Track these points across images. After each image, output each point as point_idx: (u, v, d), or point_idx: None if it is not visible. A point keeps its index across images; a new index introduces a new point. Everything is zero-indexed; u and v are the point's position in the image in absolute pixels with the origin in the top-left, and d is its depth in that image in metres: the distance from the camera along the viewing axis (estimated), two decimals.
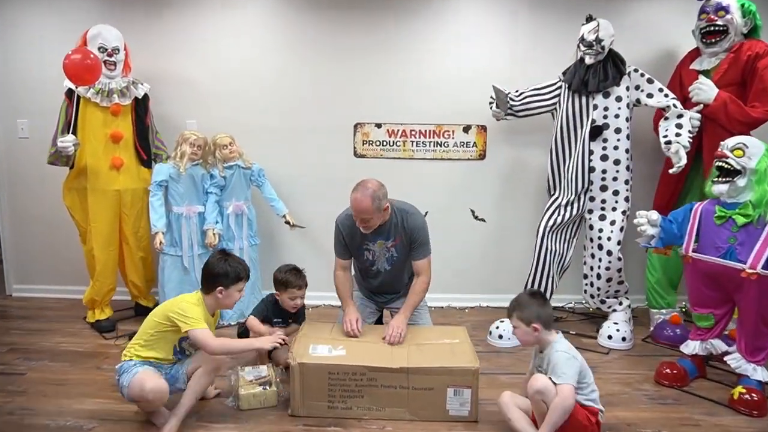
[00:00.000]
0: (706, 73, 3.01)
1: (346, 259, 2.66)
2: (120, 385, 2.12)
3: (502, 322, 3.11)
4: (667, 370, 2.57)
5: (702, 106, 2.88)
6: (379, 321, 2.88)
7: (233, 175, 3.28)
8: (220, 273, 2.18)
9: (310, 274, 3.19)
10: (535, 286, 3.12)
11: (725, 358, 2.49)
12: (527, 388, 2.03)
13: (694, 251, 2.49)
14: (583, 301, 3.51)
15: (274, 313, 2.69)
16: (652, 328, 3.25)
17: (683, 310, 3.41)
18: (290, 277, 2.60)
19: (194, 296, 2.22)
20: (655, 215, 2.54)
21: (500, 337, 3.04)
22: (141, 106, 3.22)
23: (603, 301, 3.16)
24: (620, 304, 3.16)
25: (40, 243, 3.74)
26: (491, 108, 3.22)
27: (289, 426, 2.18)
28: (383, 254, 2.61)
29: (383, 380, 2.20)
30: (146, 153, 3.25)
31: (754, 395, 2.30)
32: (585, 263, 3.23)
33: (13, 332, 3.11)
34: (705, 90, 2.86)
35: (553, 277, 3.14)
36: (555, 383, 1.94)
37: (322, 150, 3.63)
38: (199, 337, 2.09)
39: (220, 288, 2.19)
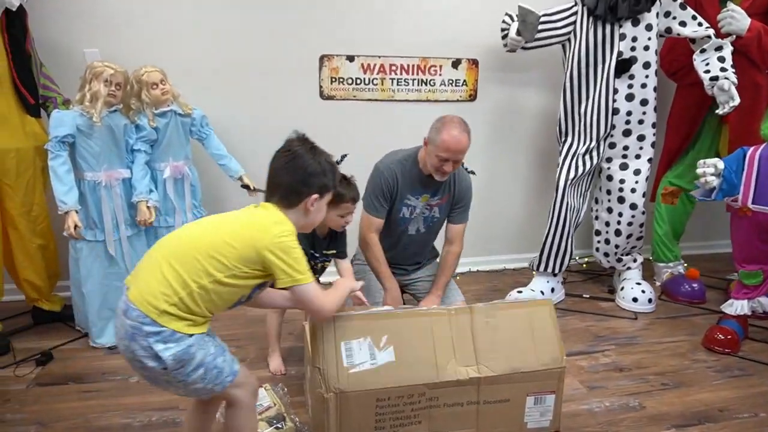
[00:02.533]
0: (728, 0, 2.68)
1: (382, 217, 2.10)
2: (196, 373, 1.29)
3: (520, 292, 2.68)
4: (720, 335, 2.32)
5: (734, 37, 2.56)
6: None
7: (168, 125, 2.38)
8: (317, 171, 1.41)
9: None
10: (554, 247, 2.72)
11: None
12: None
13: (753, 202, 2.20)
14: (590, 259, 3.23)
15: (310, 246, 2.02)
16: (659, 283, 3.04)
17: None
18: (342, 189, 1.89)
19: (279, 217, 1.38)
20: (721, 164, 2.19)
21: None
22: (16, 25, 2.17)
23: (619, 260, 2.85)
24: (635, 261, 2.88)
25: None
26: (506, 36, 2.64)
27: None
28: (423, 213, 2.15)
29: (447, 398, 1.65)
30: (33, 95, 2.23)
31: None
32: (597, 218, 2.88)
33: None
34: (738, 19, 2.52)
35: (571, 236, 2.75)
36: None
37: (279, 92, 2.82)
38: (310, 297, 1.37)
39: (314, 196, 1.41)
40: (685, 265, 3.06)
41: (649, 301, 2.71)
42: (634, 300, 2.71)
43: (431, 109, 3.00)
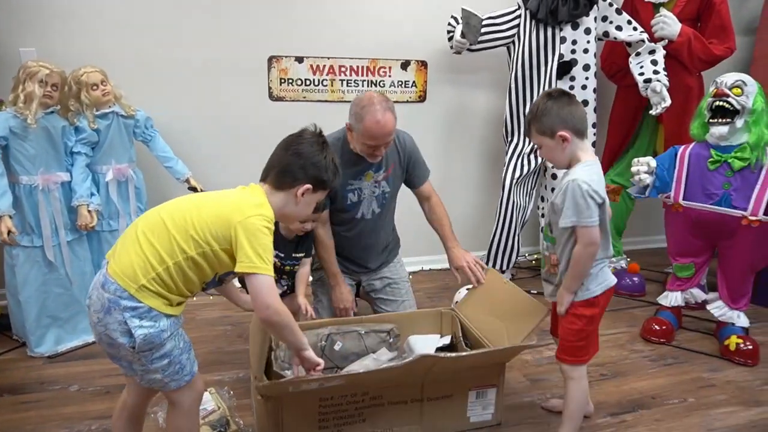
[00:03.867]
0: (660, 6, 2.81)
1: (326, 208, 2.06)
2: (169, 362, 1.30)
3: (469, 289, 2.73)
4: (656, 326, 2.42)
5: (666, 41, 2.68)
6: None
7: (110, 126, 2.33)
8: (320, 164, 1.38)
9: None
10: (502, 245, 2.79)
11: (708, 307, 2.42)
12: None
13: (684, 199, 2.32)
14: (539, 256, 3.31)
15: (277, 248, 1.91)
16: None
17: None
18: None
19: (261, 200, 1.35)
20: (653, 162, 2.30)
21: None
22: None
23: None
24: None
25: None
26: (452, 38, 2.69)
27: None
28: (372, 192, 2.10)
29: (390, 396, 1.68)
30: None
31: (748, 344, 2.24)
32: (543, 216, 2.96)
33: None
34: (670, 24, 2.65)
35: (518, 234, 2.82)
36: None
37: (227, 93, 2.79)
38: (262, 290, 1.28)
39: (307, 186, 1.38)
40: (628, 259, 3.19)
41: None
42: None
43: None
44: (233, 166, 2.82)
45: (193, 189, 2.54)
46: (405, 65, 3.02)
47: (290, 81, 2.87)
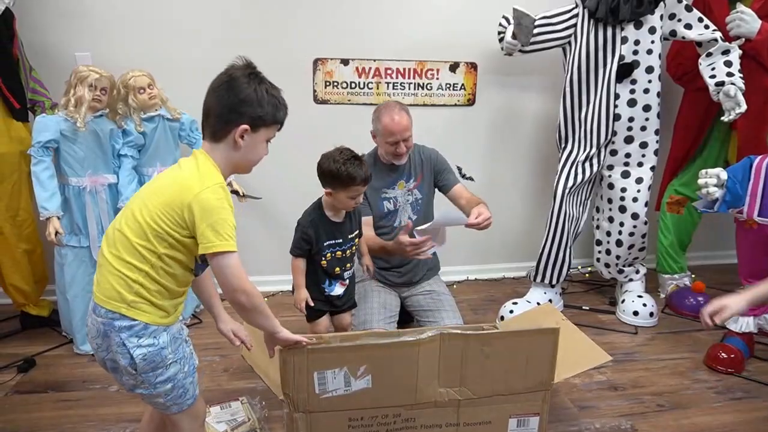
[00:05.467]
0: (737, 1, 2.56)
1: (370, 213, 2.21)
2: (158, 381, 1.24)
3: (515, 303, 2.60)
4: (723, 354, 2.21)
5: (742, 40, 2.44)
6: (401, 321, 2.29)
7: (156, 129, 2.36)
8: (251, 99, 1.24)
9: (265, 255, 2.69)
10: (552, 258, 2.63)
11: None
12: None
13: (759, 215, 2.09)
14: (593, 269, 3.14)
15: (328, 233, 1.89)
16: (663, 295, 2.93)
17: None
18: (353, 170, 1.78)
19: (205, 167, 1.22)
20: (724, 174, 2.09)
21: None
22: (1, 29, 2.16)
23: (621, 271, 2.75)
24: (637, 272, 2.78)
25: None
26: (502, 40, 2.56)
27: None
28: (406, 200, 2.26)
29: (424, 419, 1.59)
30: (19, 99, 2.22)
31: None
32: (599, 228, 2.78)
33: None
34: (748, 21, 2.40)
35: (569, 247, 2.65)
36: None
37: None
38: (228, 270, 1.17)
39: (243, 127, 1.23)
40: (693, 276, 2.94)
41: (651, 315, 2.60)
42: (635, 313, 2.61)
43: (428, 114, 2.95)
44: (277, 170, 2.79)
45: (235, 192, 2.54)
46: (454, 67, 2.91)
47: (335, 84, 2.82)
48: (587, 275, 3.24)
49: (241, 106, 1.22)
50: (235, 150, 1.24)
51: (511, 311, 2.54)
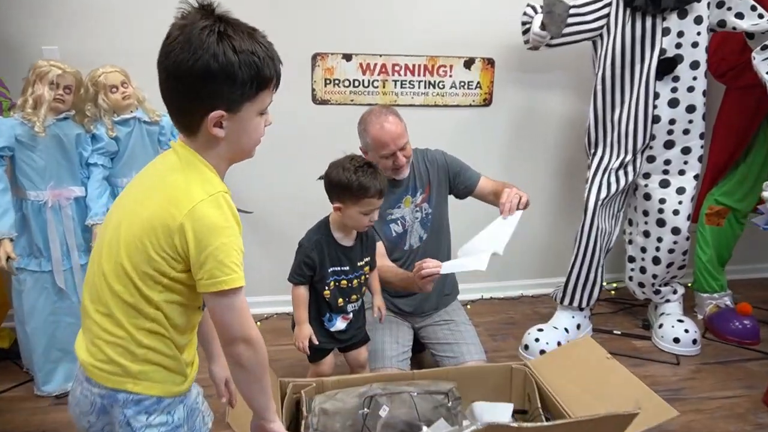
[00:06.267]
0: None
1: (380, 239, 1.86)
2: None
3: (540, 330, 2.30)
4: None
5: None
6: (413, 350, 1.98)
7: (131, 134, 2.04)
8: (214, 70, 0.87)
9: (260, 273, 2.41)
10: (582, 279, 2.34)
11: None
12: None
13: None
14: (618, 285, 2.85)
15: (333, 259, 1.61)
16: (701, 317, 2.64)
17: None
18: (366, 181, 1.51)
19: (200, 171, 0.91)
20: None
21: (542, 352, 2.21)
22: None
23: (657, 291, 2.46)
24: (675, 292, 2.49)
25: None
26: (527, 31, 2.26)
27: None
28: (414, 217, 1.94)
29: None
30: None
31: None
32: (631, 243, 2.48)
33: None
34: None
35: (602, 266, 2.36)
36: None
37: None
38: (226, 312, 0.89)
39: (217, 113, 0.88)
40: (733, 294, 2.66)
41: (694, 342, 2.31)
42: (676, 341, 2.31)
43: (440, 116, 2.66)
44: (270, 178, 2.52)
45: None
46: (468, 63, 2.61)
47: (336, 82, 2.52)
48: (613, 292, 2.94)
49: (201, 84, 0.86)
50: (216, 144, 0.92)
51: (537, 339, 2.24)
